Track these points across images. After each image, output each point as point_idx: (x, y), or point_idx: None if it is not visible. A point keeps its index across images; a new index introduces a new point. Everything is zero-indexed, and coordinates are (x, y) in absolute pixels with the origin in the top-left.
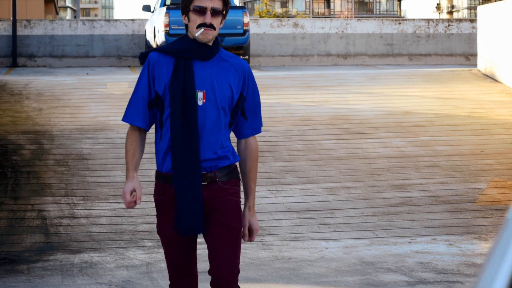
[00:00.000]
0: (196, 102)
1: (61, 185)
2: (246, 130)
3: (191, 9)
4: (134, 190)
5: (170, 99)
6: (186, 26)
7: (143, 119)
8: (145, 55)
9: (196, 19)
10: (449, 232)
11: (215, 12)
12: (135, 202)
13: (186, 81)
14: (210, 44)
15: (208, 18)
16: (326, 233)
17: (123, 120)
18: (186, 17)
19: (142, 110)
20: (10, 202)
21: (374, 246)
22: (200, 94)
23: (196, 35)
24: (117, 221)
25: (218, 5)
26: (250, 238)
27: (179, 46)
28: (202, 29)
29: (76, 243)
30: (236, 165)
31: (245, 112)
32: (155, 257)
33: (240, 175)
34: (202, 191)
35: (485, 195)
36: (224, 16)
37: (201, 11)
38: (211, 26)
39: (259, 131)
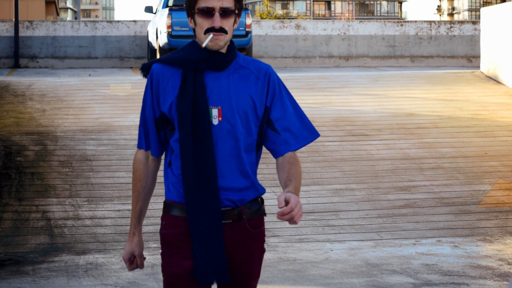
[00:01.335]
0: (210, 121)
1: (65, 186)
2: (281, 146)
3: (196, 11)
4: (134, 256)
5: (178, 119)
6: (194, 31)
7: (151, 144)
8: (148, 67)
9: (203, 23)
10: (454, 234)
11: (225, 13)
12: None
13: (196, 96)
14: (224, 50)
15: (217, 21)
16: (331, 235)
17: (138, 147)
18: (192, 20)
19: (150, 133)
20: (14, 203)
21: (379, 248)
22: (214, 111)
23: (204, 44)
24: (122, 222)
25: (229, 3)
26: (292, 217)
27: (186, 56)
28: (211, 35)
29: (81, 244)
30: (263, 199)
31: (273, 125)
32: (160, 258)
33: (264, 211)
34: (224, 230)
35: (489, 197)
36: (238, 16)
37: (208, 12)
38: (221, 31)
39: (301, 143)
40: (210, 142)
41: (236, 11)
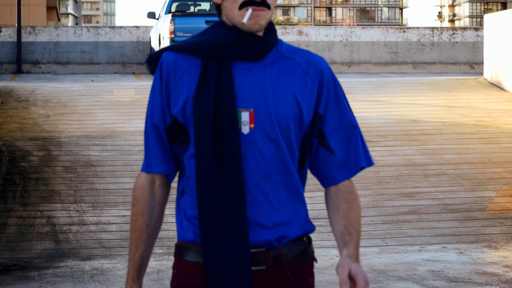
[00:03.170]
0: (239, 129)
1: (70, 191)
2: (335, 171)
3: None
4: None
5: (194, 125)
6: (218, 8)
7: (160, 162)
8: (156, 57)
9: None
10: (459, 241)
11: None
12: None
13: (220, 93)
14: (261, 33)
15: None
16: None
17: (146, 171)
18: None
19: (159, 146)
20: (19, 208)
21: (384, 254)
22: (245, 115)
23: (244, 21)
24: (127, 227)
25: None
26: None
27: (209, 39)
28: (250, 10)
29: (86, 250)
30: (310, 238)
31: (327, 140)
32: (166, 264)
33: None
34: (255, 280)
35: (494, 204)
36: None
37: None
38: (263, 4)
39: (359, 169)
40: (238, 158)
41: None
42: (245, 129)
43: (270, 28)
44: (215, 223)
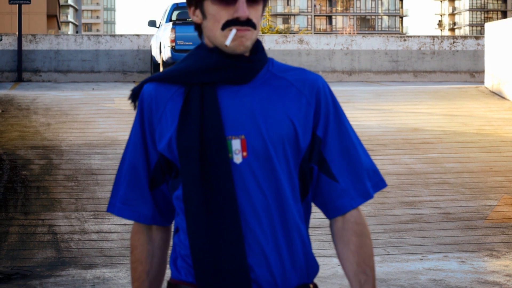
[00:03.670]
0: (230, 159)
1: (71, 200)
2: (340, 200)
3: None
4: None
5: (179, 158)
6: (199, 27)
7: (150, 208)
8: (138, 91)
9: (219, 13)
10: (461, 250)
11: None
12: None
13: (206, 122)
14: (247, 53)
15: (242, 9)
16: None
17: (108, 210)
18: (197, 11)
19: (143, 191)
20: (20, 217)
21: (386, 263)
22: (235, 143)
23: (227, 43)
24: (128, 236)
25: None
26: None
27: (191, 65)
28: (234, 31)
29: (88, 258)
30: (316, 285)
31: (329, 166)
32: (167, 273)
33: None
34: None
35: (495, 212)
36: (265, 3)
37: None
38: (248, 24)
39: (367, 196)
40: (231, 192)
41: None
42: (237, 158)
43: (257, 46)
44: (210, 266)
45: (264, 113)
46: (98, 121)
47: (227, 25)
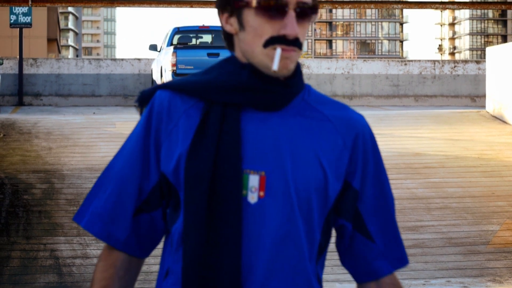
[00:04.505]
0: (243, 196)
1: (73, 224)
2: (376, 263)
3: (255, 3)
4: None
5: (185, 187)
6: (230, 38)
7: (129, 234)
8: (149, 96)
9: (263, 27)
10: (463, 275)
11: (303, 12)
12: None
13: (222, 149)
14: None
15: (291, 26)
16: (340, 275)
17: (74, 219)
18: (232, 19)
19: (128, 212)
20: (22, 241)
21: None
22: (253, 179)
23: (275, 68)
24: None
25: None
26: None
27: (215, 79)
28: (279, 50)
29: (90, 283)
30: None
31: (364, 223)
32: None
33: None
34: None
35: (498, 237)
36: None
37: (277, 8)
38: (295, 44)
39: (404, 261)
40: (236, 236)
41: (315, 9)
42: (252, 197)
43: (296, 69)
44: None
45: (293, 150)
46: (99, 145)
47: (271, 42)
